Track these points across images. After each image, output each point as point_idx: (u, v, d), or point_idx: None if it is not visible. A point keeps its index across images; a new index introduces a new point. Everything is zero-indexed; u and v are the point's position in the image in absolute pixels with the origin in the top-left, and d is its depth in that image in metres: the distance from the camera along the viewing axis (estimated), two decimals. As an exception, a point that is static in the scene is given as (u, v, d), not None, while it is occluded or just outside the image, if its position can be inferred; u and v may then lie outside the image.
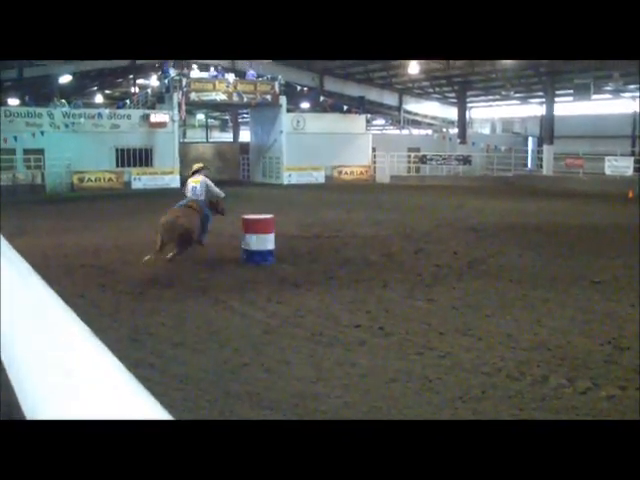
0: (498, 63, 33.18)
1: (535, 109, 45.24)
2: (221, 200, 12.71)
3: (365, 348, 6.88)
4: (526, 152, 44.34)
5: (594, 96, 35.82)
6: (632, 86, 37.61)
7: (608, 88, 36.71)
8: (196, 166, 12.87)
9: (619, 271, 10.95)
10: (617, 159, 34.64)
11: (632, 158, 34.91)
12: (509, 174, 38.41)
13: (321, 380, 5.96)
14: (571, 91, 35.72)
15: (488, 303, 8.74)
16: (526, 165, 43.43)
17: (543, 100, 39.85)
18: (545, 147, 37.45)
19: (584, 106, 40.74)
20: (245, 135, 48.69)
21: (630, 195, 28.99)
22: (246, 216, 11.74)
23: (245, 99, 34.74)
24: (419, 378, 6.00)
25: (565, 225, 17.69)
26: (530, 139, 44.99)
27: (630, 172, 33.44)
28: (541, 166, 38.36)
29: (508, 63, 32.70)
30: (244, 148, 41.67)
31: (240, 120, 52.10)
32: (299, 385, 5.84)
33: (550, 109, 37.39)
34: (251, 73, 36.27)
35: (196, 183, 12.23)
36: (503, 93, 41.53)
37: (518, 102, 45.85)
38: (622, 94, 39.86)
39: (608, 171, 34.22)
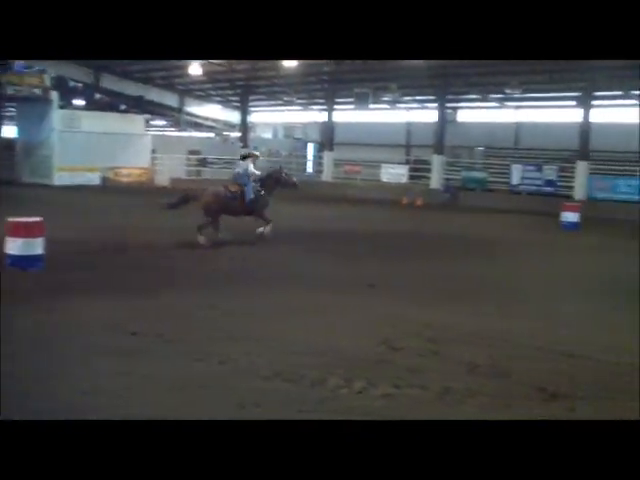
0: (282, 68, 33.62)
1: (317, 115, 46.44)
2: (279, 172, 15.53)
3: (144, 356, 6.51)
4: (307, 157, 45.47)
5: (373, 105, 37.43)
6: (407, 98, 39.79)
7: (386, 98, 38.52)
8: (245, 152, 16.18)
9: (396, 274, 11.41)
10: (393, 167, 36.45)
11: (407, 166, 36.92)
12: (291, 178, 39.08)
13: (97, 391, 5.53)
14: (351, 99, 37.06)
15: (269, 308, 8.67)
16: (307, 170, 44.51)
17: (325, 107, 41.03)
18: (325, 153, 38.61)
19: (364, 114, 42.47)
20: (10, 130, 45.34)
21: (404, 202, 30.59)
22: (11, 219, 10.81)
23: (10, 91, 32.23)
24: (198, 385, 5.75)
25: (345, 230, 18.28)
26: (311, 145, 46.16)
27: (405, 180, 35.34)
28: (321, 172, 39.46)
29: (291, 69, 33.23)
30: (7, 144, 38.69)
31: (5, 114, 48.46)
32: (74, 397, 5.38)
33: (331, 116, 38.63)
34: (19, 64, 33.74)
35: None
36: (285, 98, 42.25)
37: (300, 108, 46.85)
38: (398, 105, 42.03)
39: (384, 178, 35.92)
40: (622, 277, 12.10)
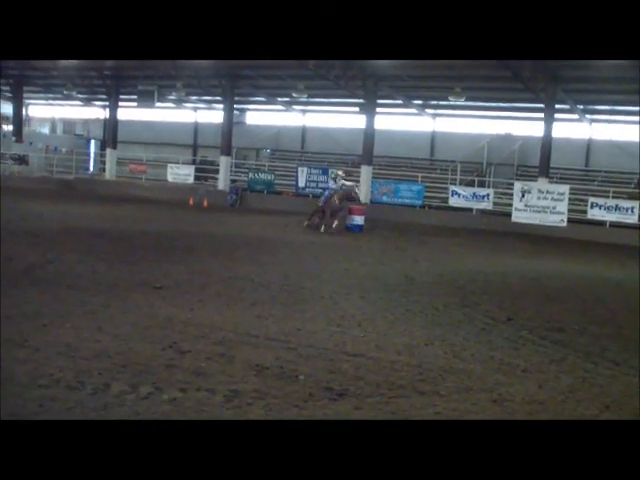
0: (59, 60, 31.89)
1: (99, 112, 44.90)
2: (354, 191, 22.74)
3: None
4: (88, 155, 43.84)
5: (159, 103, 36.72)
6: (194, 97, 39.49)
7: (172, 97, 37.95)
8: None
9: (180, 276, 11.20)
10: (179, 167, 36.03)
11: (193, 167, 36.66)
12: (70, 177, 37.57)
13: None
14: (136, 96, 36.11)
15: (46, 311, 8.15)
16: (88, 168, 42.96)
17: (107, 103, 39.70)
18: (108, 151, 37.36)
19: (150, 112, 41.61)
20: None
21: (191, 202, 30.35)
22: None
23: None
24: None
25: (128, 231, 17.81)
26: (92, 142, 44.55)
27: (191, 180, 35.05)
28: (104, 170, 38.20)
29: (70, 61, 31.65)
30: None
31: None
32: None
33: (114, 113, 37.40)
34: None
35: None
36: (65, 92, 40.21)
37: (81, 103, 45.03)
38: (185, 104, 41.60)
39: (170, 178, 35.42)
40: (397, 277, 12.72)
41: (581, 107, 31.30)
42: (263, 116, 41.71)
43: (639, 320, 9.68)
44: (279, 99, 38.14)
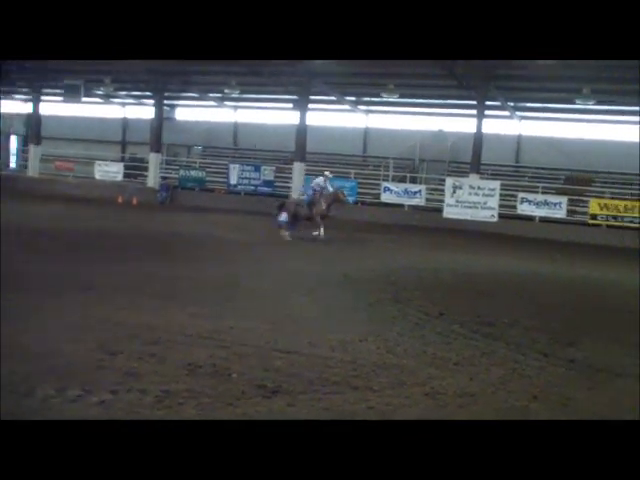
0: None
1: (21, 106, 43.72)
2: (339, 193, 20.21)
3: None
4: (8, 151, 42.72)
5: (85, 98, 35.95)
6: (122, 92, 38.80)
7: (99, 92, 37.22)
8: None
9: (115, 276, 10.96)
10: (108, 164, 35.41)
11: (122, 164, 36.08)
12: (-10, 174, 36.54)
13: None
14: (61, 90, 35.27)
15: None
16: (8, 165, 41.90)
17: (30, 97, 38.70)
18: (31, 147, 36.44)
19: (76, 107, 40.67)
20: None
21: (120, 200, 29.87)
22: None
23: None
24: None
25: (60, 229, 17.46)
26: (14, 137, 43.39)
27: (120, 177, 34.51)
28: (27, 167, 37.25)
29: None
30: None
31: None
32: None
33: (37, 107, 36.50)
34: None
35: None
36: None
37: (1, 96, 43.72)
38: (113, 99, 40.87)
39: (98, 175, 34.80)
40: (330, 274, 12.76)
41: (512, 104, 31.92)
42: (194, 112, 41.32)
43: (567, 313, 9.90)
44: (211, 95, 37.81)
